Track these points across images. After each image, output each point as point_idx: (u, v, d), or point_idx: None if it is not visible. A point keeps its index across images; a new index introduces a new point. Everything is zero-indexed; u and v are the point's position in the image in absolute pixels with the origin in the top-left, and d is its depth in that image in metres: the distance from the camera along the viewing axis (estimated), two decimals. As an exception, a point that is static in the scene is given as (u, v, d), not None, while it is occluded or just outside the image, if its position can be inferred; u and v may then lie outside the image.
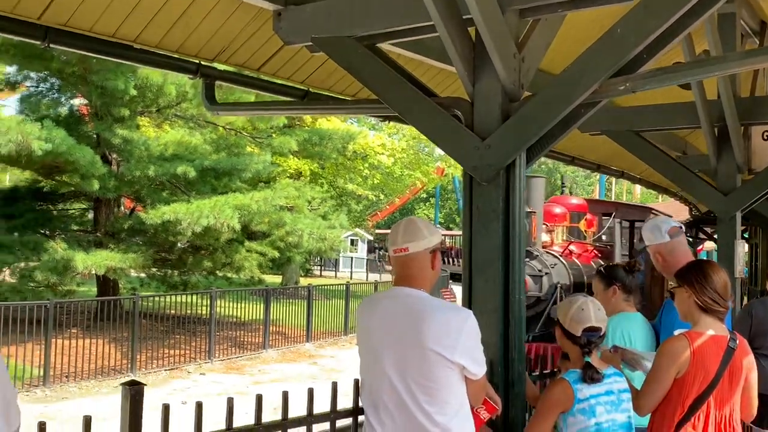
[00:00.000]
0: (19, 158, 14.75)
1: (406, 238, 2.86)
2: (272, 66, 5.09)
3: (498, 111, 3.55)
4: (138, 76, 15.92)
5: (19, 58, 16.44)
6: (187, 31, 4.54)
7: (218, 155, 18.09)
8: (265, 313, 17.02)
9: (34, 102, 17.88)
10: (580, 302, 3.21)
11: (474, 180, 3.58)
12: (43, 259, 14.92)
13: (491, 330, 3.36)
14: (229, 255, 18.22)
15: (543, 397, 3.22)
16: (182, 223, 15.11)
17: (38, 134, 13.94)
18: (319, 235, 18.75)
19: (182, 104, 17.84)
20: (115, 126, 16.41)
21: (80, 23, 4.14)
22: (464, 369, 2.77)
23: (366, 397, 2.89)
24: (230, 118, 18.55)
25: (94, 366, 13.31)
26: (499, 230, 3.49)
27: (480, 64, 3.60)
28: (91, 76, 15.63)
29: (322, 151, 23.11)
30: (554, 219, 12.51)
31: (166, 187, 17.97)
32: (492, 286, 3.46)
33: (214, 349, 15.49)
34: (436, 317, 2.76)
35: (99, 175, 15.68)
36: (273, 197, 17.16)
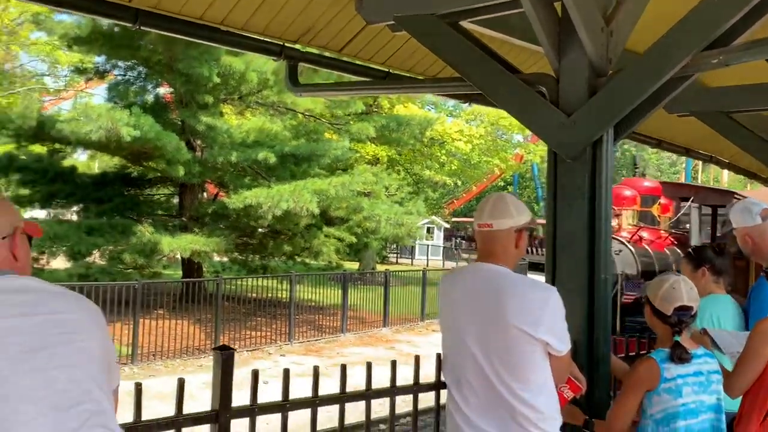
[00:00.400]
0: (109, 144, 15.30)
1: (492, 214, 2.83)
2: (354, 47, 5.10)
3: (585, 86, 3.47)
4: (221, 64, 16.26)
5: (107, 48, 17.03)
6: (271, 13, 4.58)
7: (297, 141, 18.34)
8: (342, 297, 17.21)
9: (121, 90, 18.47)
10: (672, 281, 3.12)
11: (558, 157, 3.52)
12: (131, 242, 15.43)
13: (575, 310, 3.29)
14: (308, 240, 18.47)
15: (629, 375, 3.15)
16: (263, 206, 15.39)
17: (127, 121, 14.42)
18: (396, 221, 18.79)
19: (263, 91, 18.10)
20: (199, 113, 16.82)
21: (169, 6, 4.23)
22: (548, 345, 2.73)
23: (448, 372, 2.88)
24: (309, 104, 18.79)
25: (179, 345, 13.74)
26: (584, 208, 3.42)
27: (566, 39, 3.52)
28: (176, 64, 16.03)
29: (399, 137, 23.14)
30: (622, 202, 11.66)
31: (247, 172, 18.30)
32: (577, 264, 3.40)
33: (294, 332, 15.77)
34: (518, 293, 2.73)
35: (184, 161, 16.10)
36: (351, 182, 17.27)
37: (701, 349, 3.16)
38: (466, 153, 30.97)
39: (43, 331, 1.75)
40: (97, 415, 1.76)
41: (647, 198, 12.19)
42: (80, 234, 15.23)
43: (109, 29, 16.56)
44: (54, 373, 1.73)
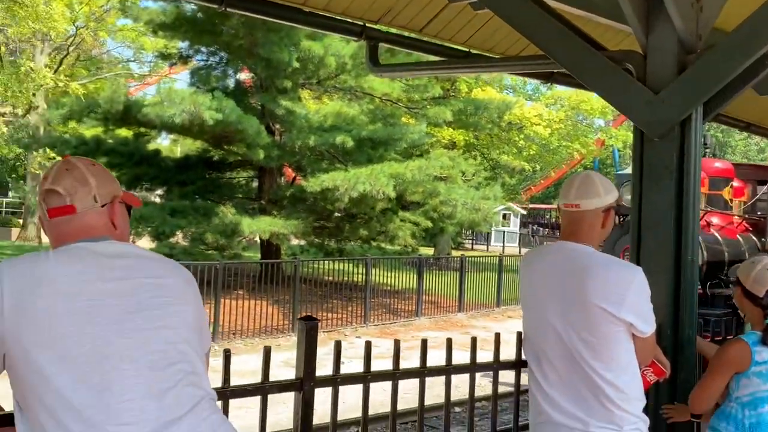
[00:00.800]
0: (192, 128, 15.70)
1: (579, 194, 2.78)
2: (434, 27, 5.10)
3: (673, 63, 3.40)
4: (300, 48, 16.46)
5: (191, 34, 17.43)
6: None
7: (374, 126, 18.40)
8: (418, 282, 17.25)
9: (203, 75, 18.89)
10: (765, 262, 3.05)
11: (645, 136, 3.46)
12: (213, 224, 15.82)
13: (660, 291, 3.23)
14: (384, 224, 18.57)
15: (718, 355, 3.07)
16: (339, 189, 15.54)
17: (209, 104, 14.77)
18: (472, 206, 18.68)
19: (341, 75, 18.22)
20: (279, 97, 17.07)
21: (255, -14, 4.32)
22: (632, 326, 2.69)
23: (529, 349, 2.88)
24: (386, 89, 18.82)
25: (258, 325, 14.05)
26: (671, 188, 3.36)
27: (654, 14, 3.45)
28: (257, 49, 16.29)
29: (477, 121, 22.98)
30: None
31: (324, 156, 18.48)
32: (663, 245, 3.35)
33: (370, 315, 15.92)
34: (602, 272, 2.70)
35: (263, 144, 16.38)
36: (427, 166, 17.25)
37: None
38: (545, 138, 30.50)
39: (140, 295, 1.82)
40: (190, 375, 1.83)
41: (718, 180, 11.13)
42: (164, 215, 15.71)
43: (192, 15, 16.95)
44: (150, 334, 1.79)
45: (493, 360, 3.16)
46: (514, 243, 40.14)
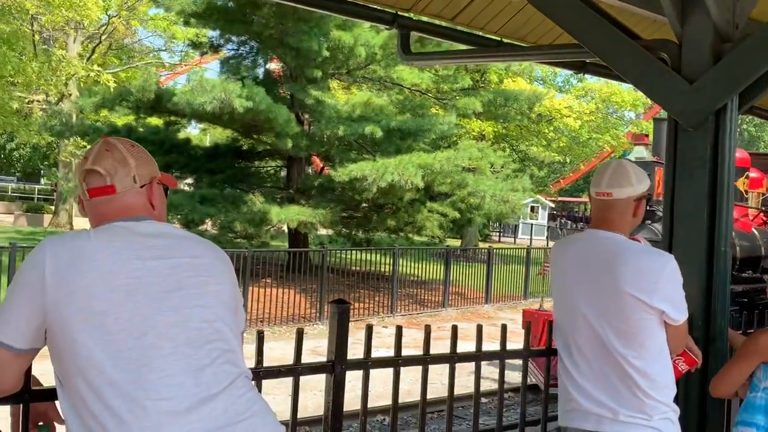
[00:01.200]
0: (222, 116, 15.80)
1: (611, 183, 2.77)
2: (466, 15, 5.09)
3: (709, 52, 3.38)
4: (330, 38, 16.48)
5: (222, 23, 17.53)
6: (385, -18, 4.65)
7: (403, 116, 18.40)
8: (445, 273, 17.27)
9: (233, 65, 19.00)
10: None
11: (679, 126, 3.44)
12: (242, 212, 15.93)
13: (693, 282, 3.22)
14: (411, 215, 18.56)
15: (747, 343, 3.04)
16: (368, 179, 15.56)
17: (239, 93, 14.86)
18: (501, 198, 18.59)
19: (370, 66, 18.23)
20: (308, 87, 17.13)
21: (288, -25, 4.35)
22: (664, 314, 2.68)
23: (559, 337, 2.88)
24: (416, 79, 18.80)
25: (286, 314, 14.16)
26: (705, 178, 3.35)
27: (689, 3, 3.42)
28: (287, 39, 16.34)
29: (506, 112, 22.89)
30: None
31: (353, 146, 18.51)
32: (696, 235, 3.33)
33: (396, 305, 15.98)
34: (633, 260, 2.69)
35: (292, 134, 16.44)
36: (456, 157, 17.20)
37: None
38: (575, 130, 30.26)
39: (178, 273, 1.85)
40: (226, 353, 1.85)
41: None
42: (194, 203, 15.84)
43: (223, 4, 17.05)
44: (188, 312, 1.82)
45: (523, 348, 3.17)
46: (542, 236, 39.93)
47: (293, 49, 16.49)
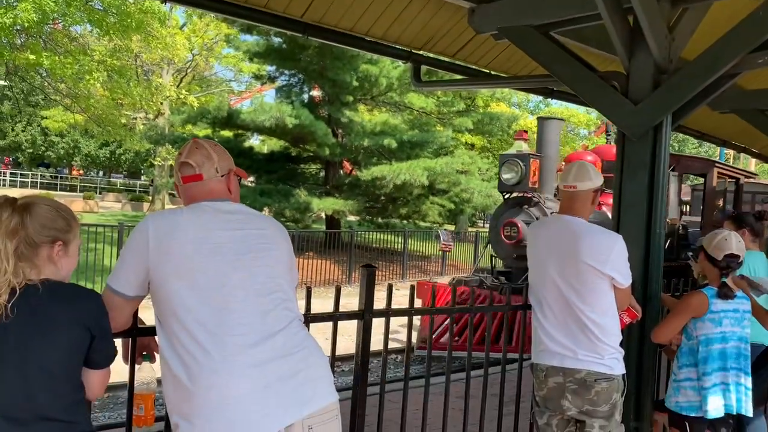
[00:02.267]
0: (276, 130, 15.82)
1: (576, 178, 2.74)
2: (464, 53, 5.04)
3: (650, 81, 3.33)
4: (359, 71, 16.40)
5: (277, 60, 17.53)
6: (402, 27, 4.59)
7: (413, 132, 18.32)
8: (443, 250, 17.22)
9: (285, 91, 18.97)
10: (725, 234, 3.00)
11: (626, 137, 3.39)
12: (291, 202, 15.96)
13: (635, 255, 3.16)
14: (418, 205, 18.53)
15: (681, 302, 3.02)
16: (386, 178, 15.59)
17: (290, 113, 14.88)
18: (486, 194, 18.54)
19: (389, 93, 18.16)
20: (342, 109, 17.09)
21: (329, 20, 4.30)
22: (613, 279, 2.66)
23: (533, 296, 2.86)
24: (423, 103, 18.74)
25: (323, 278, 14.19)
26: (645, 178, 3.30)
27: (636, 43, 3.37)
28: (326, 72, 16.31)
29: (491, 129, 22.72)
30: None
31: (375, 154, 18.46)
32: (637, 221, 3.29)
33: (406, 273, 15.99)
34: (591, 238, 2.67)
35: (329, 144, 16.43)
36: (452, 162, 17.21)
37: (740, 291, 3.00)
38: (542, 143, 29.94)
39: (249, 241, 1.84)
40: (284, 301, 1.85)
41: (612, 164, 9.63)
42: (255, 195, 15.88)
43: (279, 46, 17.00)
44: (256, 270, 1.82)
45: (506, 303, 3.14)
46: (516, 223, 39.53)
47: (331, 80, 16.45)
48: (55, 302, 1.55)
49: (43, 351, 1.51)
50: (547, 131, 8.48)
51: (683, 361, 2.97)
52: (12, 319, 1.49)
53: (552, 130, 8.51)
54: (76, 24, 14.18)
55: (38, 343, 1.51)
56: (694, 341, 2.93)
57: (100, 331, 1.62)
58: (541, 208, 7.86)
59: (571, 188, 2.75)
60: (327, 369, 1.87)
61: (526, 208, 7.88)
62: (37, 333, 1.51)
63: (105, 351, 1.65)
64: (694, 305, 2.91)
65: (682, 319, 2.94)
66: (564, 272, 2.69)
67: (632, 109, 3.31)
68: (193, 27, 24.43)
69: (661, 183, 3.33)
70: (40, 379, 1.51)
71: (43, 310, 1.53)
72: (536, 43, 3.74)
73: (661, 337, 3.00)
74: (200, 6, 4.10)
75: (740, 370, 2.92)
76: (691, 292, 2.99)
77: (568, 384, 2.66)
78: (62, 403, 1.54)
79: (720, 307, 2.89)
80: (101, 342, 1.62)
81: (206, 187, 1.92)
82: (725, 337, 2.91)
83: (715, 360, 2.88)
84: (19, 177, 35.47)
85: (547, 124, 8.57)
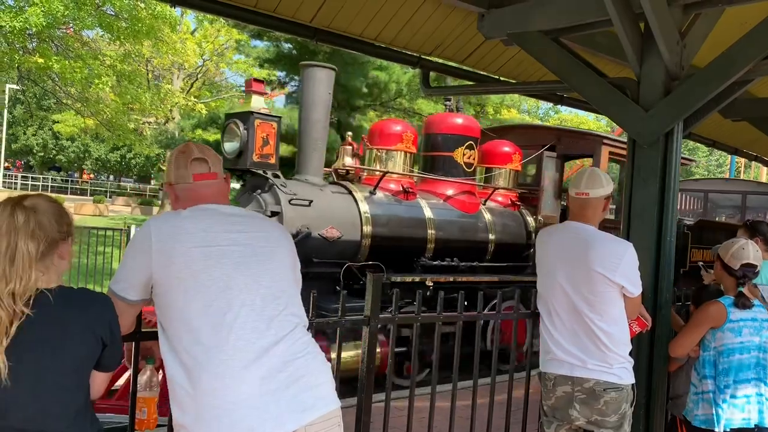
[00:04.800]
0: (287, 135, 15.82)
1: (588, 185, 2.71)
2: (473, 59, 5.03)
3: (661, 88, 3.30)
4: (369, 78, 16.44)
5: (287, 66, 17.59)
6: (411, 32, 4.59)
7: (421, 138, 18.31)
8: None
9: (295, 97, 19.02)
10: (742, 243, 2.97)
11: (637, 144, 3.36)
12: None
13: (645, 264, 3.14)
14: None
15: (699, 313, 2.96)
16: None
17: (300, 118, 14.85)
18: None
19: (398, 99, 18.18)
20: (352, 114, 17.13)
21: (338, 25, 4.31)
22: (623, 288, 2.63)
23: (542, 304, 2.83)
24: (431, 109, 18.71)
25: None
26: (656, 184, 3.26)
27: (647, 50, 3.35)
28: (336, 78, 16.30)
29: (500, 136, 22.67)
30: (386, 140, 6.24)
31: (383, 159, 18.45)
32: (647, 228, 3.25)
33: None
34: (601, 246, 2.64)
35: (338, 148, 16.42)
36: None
37: (756, 300, 2.96)
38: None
39: (254, 243, 1.82)
40: (290, 305, 1.83)
41: (450, 139, 6.52)
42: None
43: (288, 52, 17.07)
44: (262, 273, 1.80)
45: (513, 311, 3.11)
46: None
47: (341, 86, 16.46)
48: (68, 310, 1.53)
49: (56, 363, 1.49)
50: (313, 85, 5.67)
51: (702, 372, 2.92)
52: (26, 331, 1.46)
53: (320, 84, 5.67)
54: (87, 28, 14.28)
55: (51, 355, 1.49)
56: (712, 352, 2.88)
57: (112, 340, 1.61)
58: (276, 194, 5.20)
59: (584, 195, 2.72)
60: (329, 375, 1.85)
61: (258, 194, 5.29)
62: (50, 345, 1.49)
63: (114, 356, 1.65)
64: (713, 315, 2.86)
65: (700, 330, 2.89)
66: (574, 280, 2.66)
67: (643, 116, 3.28)
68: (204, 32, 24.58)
69: (673, 191, 3.29)
70: (52, 390, 1.49)
71: (56, 320, 1.50)
72: (546, 49, 3.72)
73: (679, 350, 2.96)
74: (210, 11, 4.11)
75: (759, 380, 2.88)
76: (708, 303, 2.94)
77: (577, 393, 2.62)
78: (72, 411, 1.53)
79: (738, 316, 2.85)
80: (112, 349, 1.62)
81: (216, 187, 1.91)
82: (745, 347, 2.87)
83: (736, 371, 2.85)
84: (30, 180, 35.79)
85: (312, 74, 5.66)
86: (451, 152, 6.54)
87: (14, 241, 1.49)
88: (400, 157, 6.23)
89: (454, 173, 6.53)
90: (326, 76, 5.70)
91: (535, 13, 3.76)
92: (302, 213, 5.24)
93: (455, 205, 6.51)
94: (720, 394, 2.83)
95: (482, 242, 6.62)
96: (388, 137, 6.26)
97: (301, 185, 5.53)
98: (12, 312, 1.45)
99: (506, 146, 7.19)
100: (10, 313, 1.45)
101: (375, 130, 6.49)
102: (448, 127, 6.59)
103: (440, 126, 6.66)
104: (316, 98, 5.66)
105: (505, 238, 6.80)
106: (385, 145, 6.25)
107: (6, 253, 1.48)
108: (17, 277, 1.47)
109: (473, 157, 6.67)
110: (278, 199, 5.20)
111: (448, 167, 6.52)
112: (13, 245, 1.48)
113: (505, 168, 7.12)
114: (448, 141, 6.54)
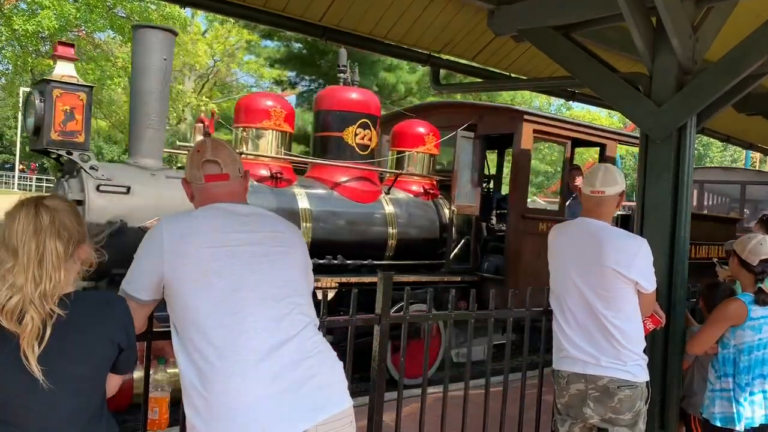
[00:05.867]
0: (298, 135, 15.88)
1: (603, 183, 2.68)
2: (483, 56, 5.01)
3: (673, 82, 3.26)
4: (378, 78, 16.44)
5: (297, 66, 17.65)
6: (421, 30, 4.58)
7: (432, 136, 18.30)
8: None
9: (306, 97, 19.09)
10: (759, 238, 2.93)
11: (649, 139, 3.33)
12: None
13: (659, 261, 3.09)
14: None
15: (718, 311, 2.90)
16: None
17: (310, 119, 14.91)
18: (506, 198, 18.40)
19: (408, 97, 18.15)
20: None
21: (347, 24, 4.30)
22: (637, 284, 2.60)
23: (555, 301, 2.80)
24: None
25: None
26: (669, 180, 3.23)
27: (659, 44, 3.31)
28: (349, 77, 16.34)
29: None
30: (252, 117, 5.21)
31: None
32: (661, 225, 3.22)
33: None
34: (615, 242, 2.62)
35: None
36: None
37: None
38: (564, 147, 29.72)
39: (266, 243, 1.82)
40: (300, 306, 1.82)
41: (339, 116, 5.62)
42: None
43: (299, 52, 17.13)
44: (273, 273, 1.79)
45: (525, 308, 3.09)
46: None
47: (353, 85, 16.50)
48: (85, 316, 1.51)
49: (75, 370, 1.48)
50: (144, 50, 4.44)
51: (721, 370, 2.88)
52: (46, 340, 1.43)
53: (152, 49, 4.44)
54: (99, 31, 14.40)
55: (70, 362, 1.48)
56: (731, 350, 2.84)
57: (128, 343, 1.60)
58: (83, 181, 4.22)
59: (599, 193, 2.69)
60: (341, 374, 1.84)
61: (66, 179, 4.34)
62: (69, 352, 1.48)
63: (130, 359, 1.64)
64: (733, 314, 2.82)
65: (720, 328, 2.85)
66: (587, 277, 2.63)
67: (655, 111, 3.25)
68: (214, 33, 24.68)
69: (686, 186, 3.25)
70: (71, 397, 1.48)
71: (74, 327, 1.48)
72: (557, 45, 3.70)
73: (697, 348, 2.93)
74: (219, 11, 4.12)
75: None
76: (728, 300, 2.89)
77: (591, 391, 2.60)
78: (89, 415, 1.53)
79: (759, 313, 2.81)
80: (128, 352, 1.61)
81: (229, 188, 1.90)
82: (764, 343, 2.83)
83: (758, 368, 2.81)
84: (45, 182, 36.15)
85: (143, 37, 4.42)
86: (341, 132, 5.53)
87: (42, 242, 1.46)
88: (271, 137, 5.18)
89: (344, 156, 5.46)
90: (161, 40, 4.45)
91: (545, 8, 3.73)
92: (118, 202, 4.25)
93: (345, 194, 5.43)
94: (741, 392, 2.79)
95: (379, 237, 5.53)
96: (255, 113, 5.17)
97: (123, 169, 4.44)
98: (45, 313, 1.43)
99: (420, 126, 6.16)
100: (42, 315, 1.42)
101: (240, 106, 5.34)
102: (338, 102, 5.57)
103: (330, 101, 5.61)
104: (148, 65, 4.41)
105: (411, 232, 5.74)
106: (251, 123, 5.18)
107: (35, 254, 1.45)
108: (47, 277, 1.44)
109: (369, 138, 5.61)
110: (83, 185, 4.20)
111: (339, 150, 5.48)
112: (41, 246, 1.46)
113: (415, 151, 6.06)
114: (337, 119, 5.51)
